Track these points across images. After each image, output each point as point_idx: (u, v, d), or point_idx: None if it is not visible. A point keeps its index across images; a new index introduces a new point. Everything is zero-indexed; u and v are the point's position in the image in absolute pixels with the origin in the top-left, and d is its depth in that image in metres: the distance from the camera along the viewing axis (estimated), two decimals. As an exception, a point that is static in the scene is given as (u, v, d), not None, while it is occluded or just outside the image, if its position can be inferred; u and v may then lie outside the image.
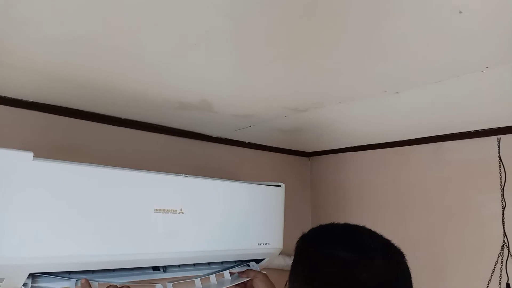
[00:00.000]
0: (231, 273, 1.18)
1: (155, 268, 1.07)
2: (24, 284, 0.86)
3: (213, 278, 1.14)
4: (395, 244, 0.69)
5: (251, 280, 1.16)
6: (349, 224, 0.74)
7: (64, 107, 1.22)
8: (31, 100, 1.15)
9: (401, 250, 0.69)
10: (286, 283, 0.72)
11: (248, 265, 1.25)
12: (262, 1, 0.63)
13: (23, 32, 0.74)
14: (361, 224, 0.74)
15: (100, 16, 0.68)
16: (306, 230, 0.76)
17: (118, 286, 0.92)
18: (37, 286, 0.89)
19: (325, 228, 0.74)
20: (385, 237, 0.70)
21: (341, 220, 2.07)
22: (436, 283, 1.52)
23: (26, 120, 1.16)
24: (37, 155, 0.87)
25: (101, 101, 1.16)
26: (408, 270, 0.67)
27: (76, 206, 0.90)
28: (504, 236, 1.37)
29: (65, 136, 1.24)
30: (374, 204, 1.76)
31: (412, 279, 0.67)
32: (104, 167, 0.96)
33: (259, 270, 1.22)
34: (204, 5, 0.64)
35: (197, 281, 1.09)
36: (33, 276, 0.88)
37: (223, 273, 1.17)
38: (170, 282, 1.04)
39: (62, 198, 0.88)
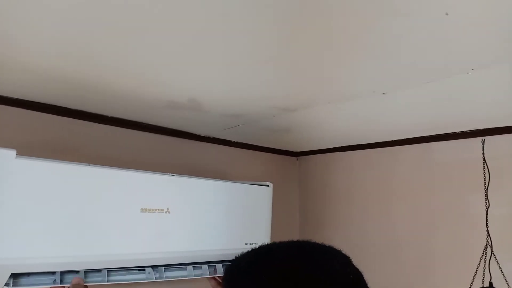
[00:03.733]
0: (223, 266, 1.19)
1: (141, 269, 1.06)
2: (6, 284, 0.84)
3: (205, 267, 1.14)
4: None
5: None
6: (303, 245, 0.63)
7: (50, 105, 1.20)
8: (15, 97, 1.13)
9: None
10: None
11: None
12: (253, 2, 0.63)
13: (12, 31, 0.72)
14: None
15: (92, 17, 0.67)
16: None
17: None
18: (20, 286, 0.87)
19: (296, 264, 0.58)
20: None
21: (329, 221, 2.07)
22: (422, 282, 1.54)
23: (10, 118, 1.14)
24: (21, 153, 0.85)
25: (89, 99, 1.15)
26: None
27: (60, 205, 0.89)
28: (487, 236, 1.39)
29: (51, 134, 1.22)
30: (362, 204, 1.77)
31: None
32: (89, 165, 0.95)
33: None
34: (195, 5, 0.64)
35: (189, 269, 1.10)
36: (15, 275, 0.86)
37: (215, 265, 1.18)
38: (162, 266, 1.04)
39: (45, 197, 0.87)
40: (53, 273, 0.91)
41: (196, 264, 1.14)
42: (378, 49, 0.80)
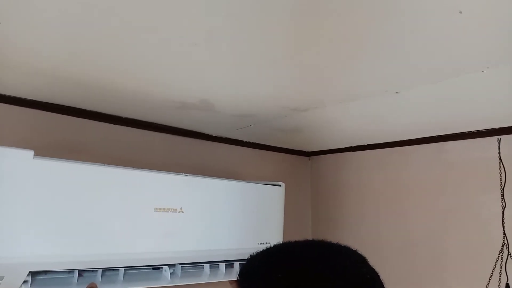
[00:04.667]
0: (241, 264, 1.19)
1: (155, 268, 1.07)
2: (24, 282, 0.86)
3: (222, 266, 1.15)
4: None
5: None
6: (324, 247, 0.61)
7: (65, 106, 1.22)
8: (32, 99, 1.16)
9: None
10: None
11: None
12: (262, 2, 0.63)
13: (23, 32, 0.74)
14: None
15: (102, 16, 0.68)
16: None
17: None
18: (37, 283, 0.89)
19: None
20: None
21: (341, 220, 2.05)
22: (436, 283, 1.52)
23: (27, 119, 1.17)
24: (38, 154, 0.87)
25: (103, 100, 1.16)
26: None
27: (76, 204, 0.90)
28: (504, 237, 1.37)
29: (66, 135, 1.24)
30: (374, 204, 1.76)
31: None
32: (104, 166, 0.96)
33: None
34: (205, 5, 0.64)
35: (206, 267, 1.10)
36: (33, 273, 0.88)
37: (233, 264, 1.18)
38: (179, 264, 1.05)
39: (62, 197, 0.89)
40: (71, 271, 0.92)
41: (213, 263, 1.15)
42: (390, 48, 0.79)
